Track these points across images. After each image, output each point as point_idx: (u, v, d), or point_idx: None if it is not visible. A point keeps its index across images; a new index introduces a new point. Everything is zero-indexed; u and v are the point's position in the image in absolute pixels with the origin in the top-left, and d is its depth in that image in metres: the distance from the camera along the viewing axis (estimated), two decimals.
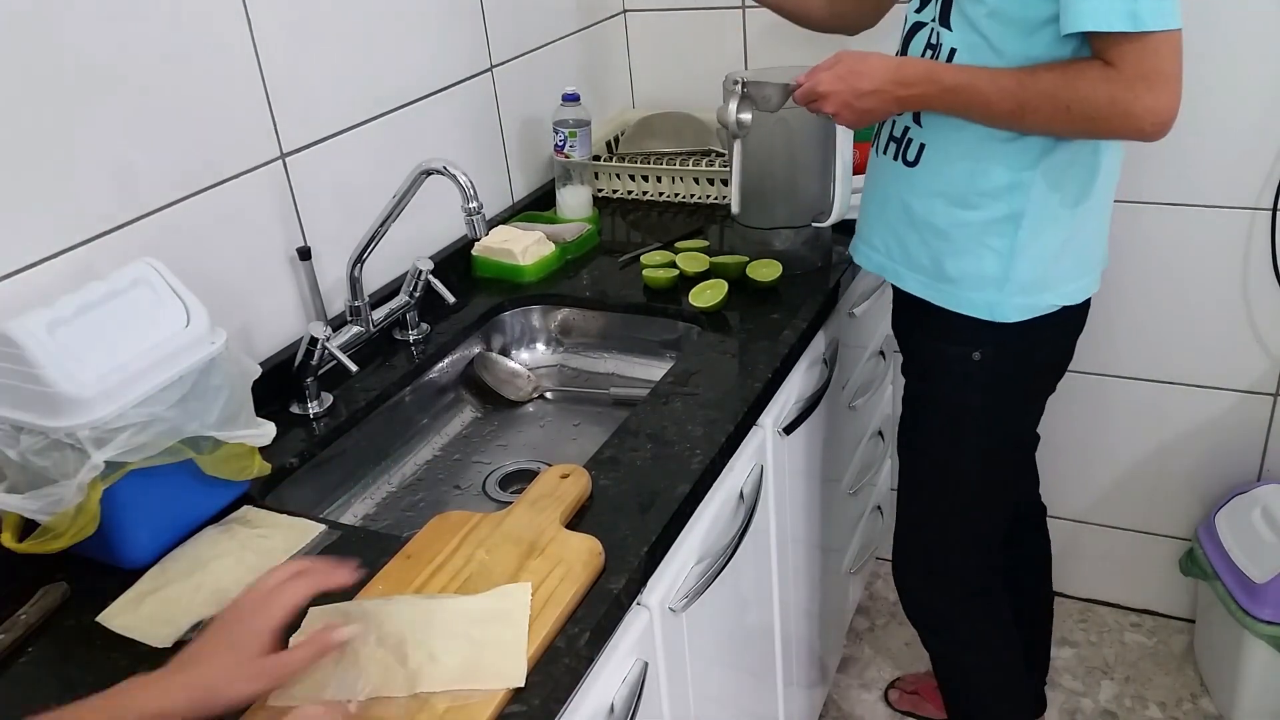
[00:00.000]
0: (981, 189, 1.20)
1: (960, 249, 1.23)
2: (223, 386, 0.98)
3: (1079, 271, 1.26)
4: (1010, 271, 1.22)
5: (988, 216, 1.20)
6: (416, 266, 1.36)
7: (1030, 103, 1.11)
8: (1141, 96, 1.06)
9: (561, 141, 1.68)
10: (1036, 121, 1.13)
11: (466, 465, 1.34)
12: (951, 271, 1.25)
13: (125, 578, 0.95)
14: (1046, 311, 1.24)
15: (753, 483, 1.21)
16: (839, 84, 1.19)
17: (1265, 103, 1.59)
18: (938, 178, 1.23)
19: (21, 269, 0.98)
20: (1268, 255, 1.67)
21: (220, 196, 1.18)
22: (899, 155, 1.26)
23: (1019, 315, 1.24)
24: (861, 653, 2.02)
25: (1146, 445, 1.91)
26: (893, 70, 1.18)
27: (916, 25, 1.24)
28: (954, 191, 1.22)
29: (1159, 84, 1.07)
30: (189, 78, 1.12)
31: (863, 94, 1.18)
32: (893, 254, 1.31)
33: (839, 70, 1.20)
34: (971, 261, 1.23)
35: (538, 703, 0.79)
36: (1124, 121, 1.08)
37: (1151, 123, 1.08)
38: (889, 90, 1.17)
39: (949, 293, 1.26)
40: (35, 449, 0.88)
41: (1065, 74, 1.09)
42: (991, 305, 1.24)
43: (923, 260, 1.27)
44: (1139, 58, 1.06)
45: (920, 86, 1.16)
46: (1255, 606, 1.62)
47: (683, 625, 1.06)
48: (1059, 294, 1.24)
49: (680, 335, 1.45)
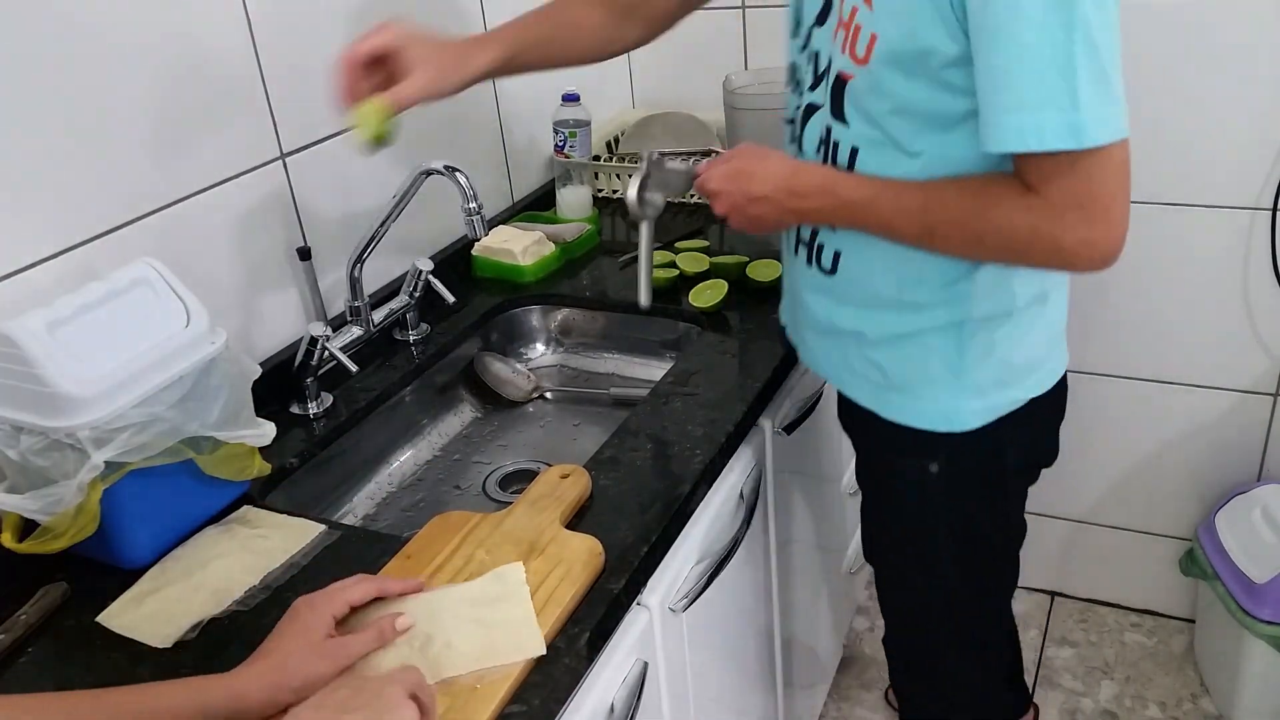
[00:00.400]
0: (914, 300, 1.01)
1: (901, 356, 1.05)
2: (223, 386, 0.98)
3: (1046, 354, 1.08)
4: (963, 375, 1.03)
5: (926, 324, 1.02)
6: (416, 266, 1.36)
7: (938, 229, 0.94)
8: (1073, 228, 0.86)
9: (561, 141, 1.68)
10: (949, 248, 0.96)
11: (466, 465, 1.34)
12: (897, 379, 1.06)
13: (125, 578, 0.95)
14: (1012, 409, 1.06)
15: (753, 483, 1.21)
16: (729, 184, 1.04)
17: (1265, 103, 1.59)
18: (861, 288, 1.04)
19: (21, 269, 0.98)
20: (1268, 255, 1.67)
21: (220, 196, 1.18)
22: (812, 261, 1.08)
23: (980, 421, 1.05)
24: (861, 653, 2.02)
25: (1146, 445, 1.91)
26: (787, 177, 1.01)
27: (811, 107, 1.04)
28: (882, 302, 1.03)
29: (1096, 212, 0.86)
30: (189, 77, 1.12)
31: (753, 199, 1.03)
32: (831, 359, 1.13)
33: (730, 169, 1.05)
34: (916, 368, 1.05)
35: (538, 703, 0.79)
36: (1052, 256, 0.90)
37: (1087, 257, 0.88)
38: (779, 200, 1.01)
39: (898, 404, 1.08)
40: (35, 449, 0.88)
41: (977, 199, 0.91)
42: (947, 414, 1.05)
43: (864, 369, 1.09)
44: (1070, 184, 0.85)
45: (815, 199, 0.99)
46: (1255, 606, 1.62)
47: (683, 625, 1.06)
48: (1025, 387, 1.06)
49: (680, 335, 1.45)
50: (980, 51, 0.84)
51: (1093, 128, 0.82)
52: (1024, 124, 0.83)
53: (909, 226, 0.95)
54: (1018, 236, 0.89)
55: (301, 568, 0.96)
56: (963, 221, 0.92)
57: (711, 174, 1.06)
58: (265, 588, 0.94)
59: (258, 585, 0.94)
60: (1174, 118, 1.64)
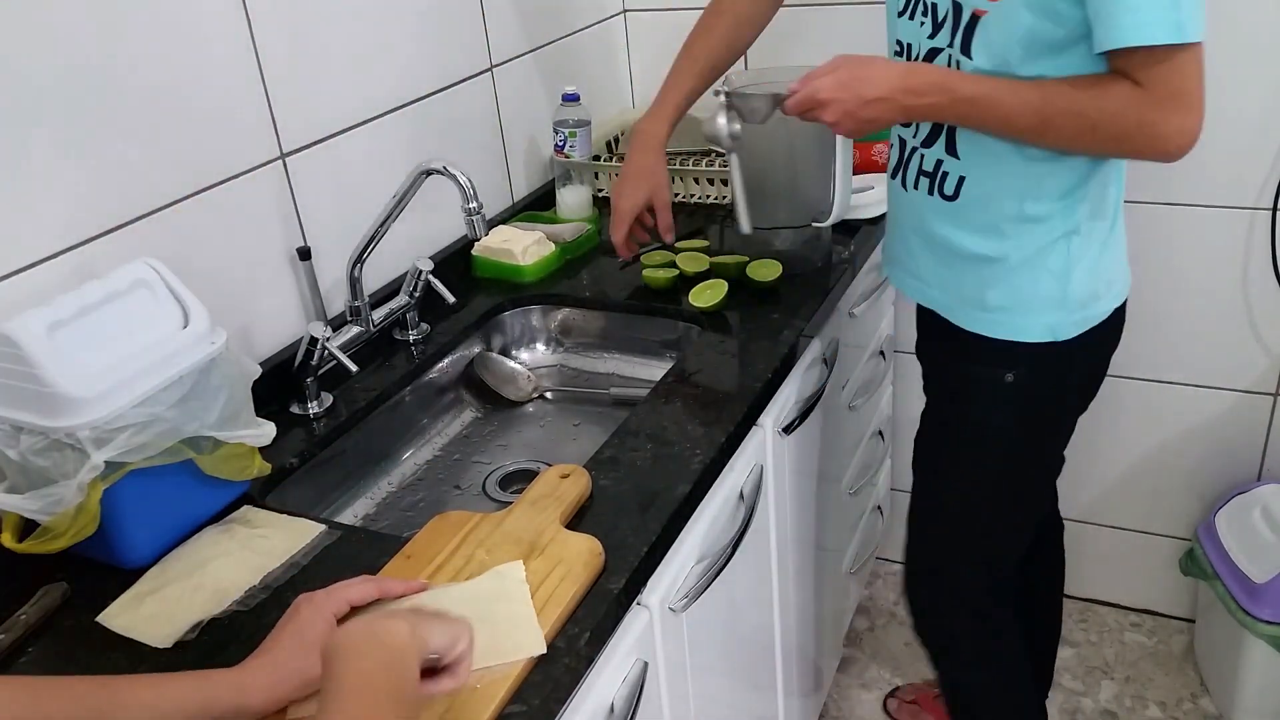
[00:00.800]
0: (1033, 215, 1.15)
1: (1015, 276, 1.19)
2: (222, 386, 0.98)
3: (1118, 269, 1.23)
4: (1068, 289, 1.18)
5: (1042, 240, 1.16)
6: (416, 266, 1.36)
7: (1054, 120, 1.06)
8: (1170, 117, 1.02)
9: (561, 141, 1.68)
10: (1057, 139, 1.09)
11: (466, 465, 1.34)
12: (1005, 300, 1.20)
13: (125, 578, 0.95)
14: (1101, 320, 1.21)
15: (753, 483, 1.21)
16: (842, 91, 1.12)
17: (1265, 103, 1.59)
18: (984, 210, 1.17)
19: (21, 269, 0.98)
20: (1268, 255, 1.68)
21: (220, 196, 1.18)
22: (934, 190, 1.21)
23: (1077, 330, 1.20)
24: (861, 653, 2.02)
25: (1147, 445, 1.91)
26: (900, 77, 1.11)
27: (933, 51, 1.16)
28: (1004, 221, 1.17)
29: (1187, 104, 1.02)
30: (189, 77, 1.12)
31: (867, 102, 1.11)
32: (947, 289, 1.26)
33: (840, 76, 1.13)
34: (1028, 287, 1.19)
35: (538, 703, 0.79)
36: (1151, 143, 1.05)
37: (1178, 144, 1.04)
38: (896, 99, 1.11)
39: (1002, 322, 1.21)
40: (35, 449, 0.88)
41: (1093, 91, 1.04)
42: (1053, 327, 1.19)
43: (973, 293, 1.22)
44: (1169, 76, 1.01)
45: (931, 96, 1.10)
46: (1255, 606, 1.62)
47: (683, 625, 1.06)
48: (1109, 298, 1.22)
49: (680, 335, 1.45)
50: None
51: (1190, 25, 0.98)
52: (1139, 21, 0.98)
53: (1026, 118, 1.07)
54: (1127, 123, 1.03)
55: (301, 568, 0.96)
56: (1078, 111, 1.05)
57: (819, 84, 1.14)
58: (265, 588, 0.94)
59: (258, 585, 0.94)
60: None
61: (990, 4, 1.08)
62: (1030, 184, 1.14)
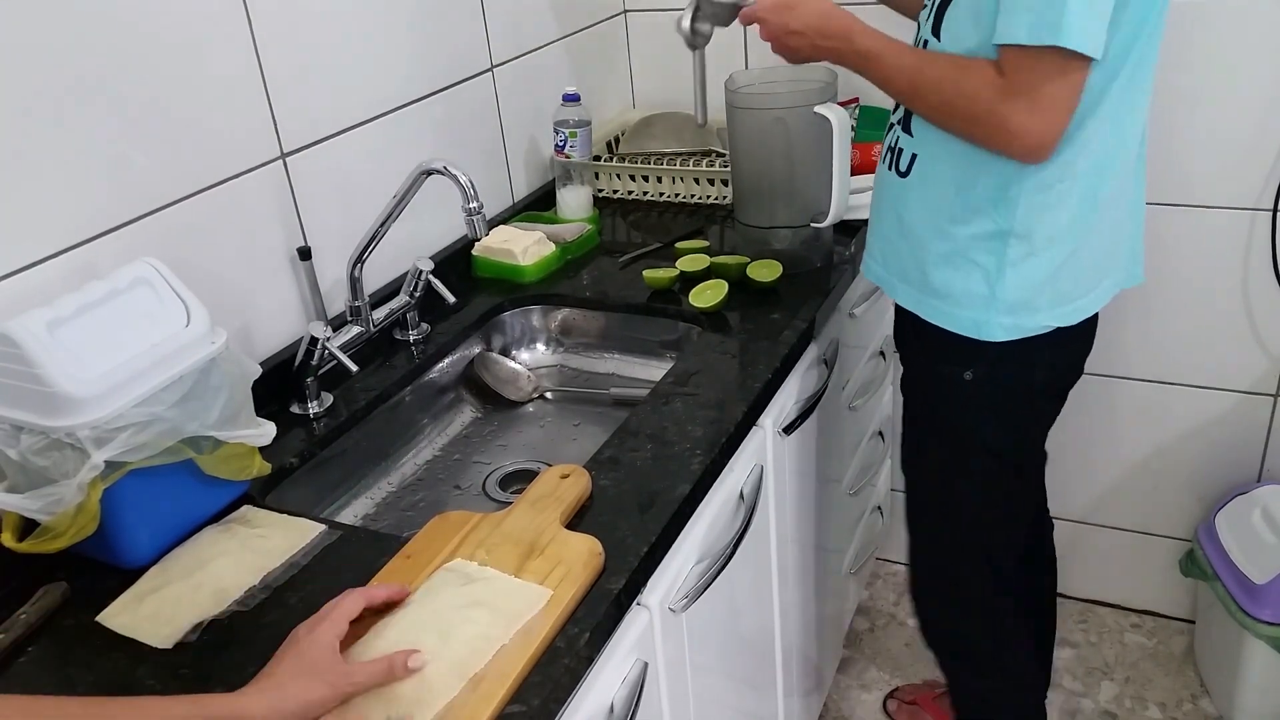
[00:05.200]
0: (969, 202, 1.16)
1: (947, 263, 1.20)
2: (223, 386, 0.98)
3: (1078, 291, 1.19)
4: (997, 290, 1.17)
5: (975, 231, 1.17)
6: (417, 266, 1.36)
7: (921, 88, 1.12)
8: (1018, 113, 1.04)
9: (562, 141, 1.68)
10: (924, 108, 1.14)
11: (466, 465, 1.34)
12: (939, 285, 1.21)
13: (125, 577, 0.95)
14: (1039, 332, 1.19)
15: (753, 483, 1.21)
16: (774, 15, 1.20)
17: (1265, 103, 1.59)
18: (928, 189, 1.20)
19: (21, 269, 0.98)
20: (1268, 256, 1.67)
21: (220, 196, 1.18)
22: (892, 165, 1.24)
23: (1006, 335, 1.19)
24: (861, 654, 2.02)
25: (1147, 446, 1.91)
26: (819, 17, 1.18)
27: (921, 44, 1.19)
28: (943, 204, 1.18)
29: (1039, 106, 1.04)
30: (189, 77, 1.12)
31: (790, 32, 1.19)
32: (889, 264, 1.29)
33: (778, 1, 1.20)
34: (958, 277, 1.19)
35: (538, 703, 0.79)
36: (997, 134, 1.07)
37: (1023, 143, 1.06)
38: (810, 37, 1.18)
39: (936, 307, 1.23)
40: (35, 449, 0.88)
41: (957, 68, 1.09)
42: (978, 324, 1.19)
43: (912, 272, 1.24)
44: (1028, 76, 1.03)
45: (836, 40, 1.17)
46: (1255, 607, 1.62)
47: (682, 625, 1.06)
48: (1052, 315, 1.19)
49: (680, 335, 1.45)
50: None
51: (1070, 31, 0.98)
52: (1021, 20, 1.00)
53: (899, 80, 1.14)
54: (978, 108, 1.07)
55: (301, 568, 0.96)
56: (940, 85, 1.10)
57: (762, 3, 1.21)
58: (265, 588, 0.94)
59: (258, 585, 0.94)
60: (1174, 118, 1.64)
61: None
62: (968, 173, 1.15)
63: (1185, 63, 1.60)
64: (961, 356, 1.23)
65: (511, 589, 0.87)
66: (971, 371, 1.23)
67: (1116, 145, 1.14)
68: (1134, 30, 1.06)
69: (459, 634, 0.81)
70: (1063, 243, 1.16)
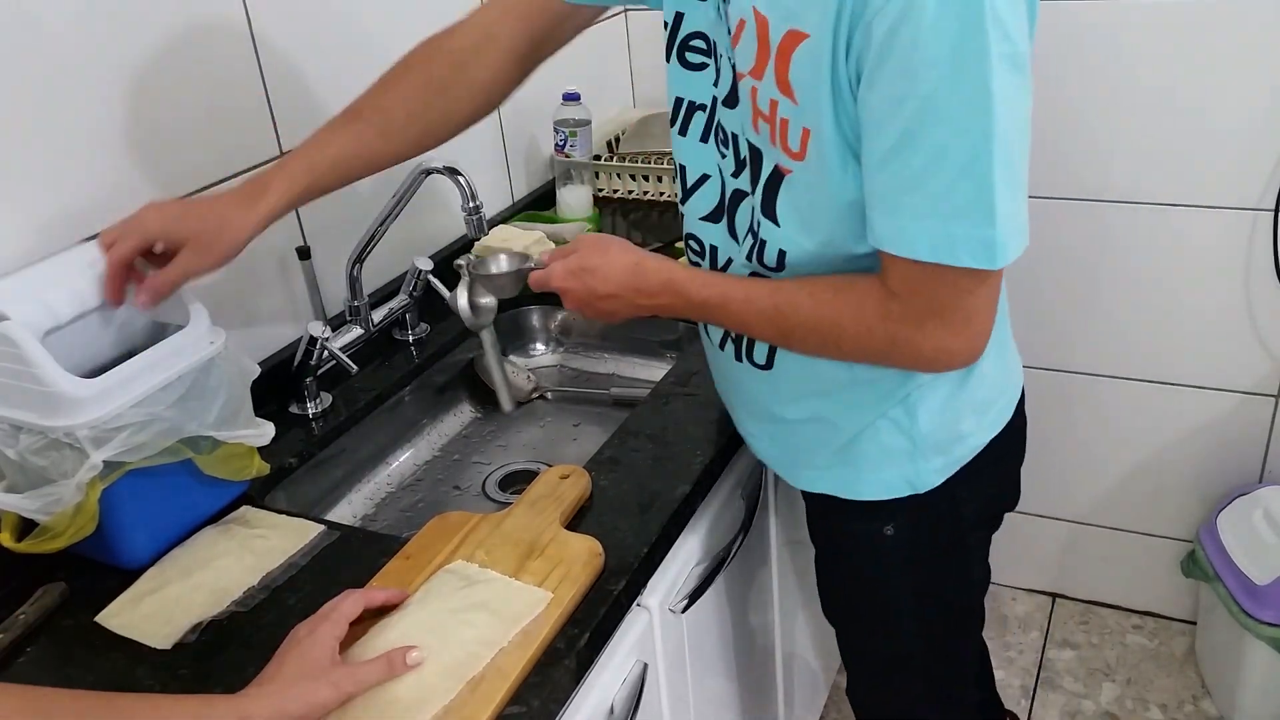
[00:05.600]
0: (858, 376, 0.96)
1: (854, 434, 1.00)
2: (222, 386, 0.97)
3: (996, 387, 1.03)
4: (920, 439, 0.99)
5: (873, 396, 0.98)
6: (416, 266, 1.36)
7: (794, 333, 0.91)
8: (932, 335, 0.84)
9: (562, 141, 1.68)
10: (806, 351, 0.94)
11: (466, 465, 1.33)
12: (849, 459, 1.02)
13: (124, 577, 0.95)
14: (973, 455, 1.02)
15: (753, 483, 1.21)
16: (573, 281, 0.96)
17: (1266, 104, 1.58)
18: (803, 378, 0.99)
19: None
20: (1269, 256, 1.67)
21: None
22: (743, 357, 1.02)
23: (943, 476, 1.01)
24: None
25: (1148, 446, 1.91)
26: (630, 273, 0.95)
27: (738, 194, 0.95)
28: (826, 385, 0.98)
29: (957, 321, 0.83)
30: (189, 77, 1.12)
31: (600, 296, 0.96)
32: (783, 449, 1.09)
33: (570, 264, 0.97)
34: (875, 444, 1.00)
35: (538, 703, 0.78)
36: (912, 360, 0.89)
37: (946, 363, 0.89)
38: (628, 297, 0.96)
39: (852, 481, 1.03)
40: (34, 448, 0.88)
41: (834, 306, 0.88)
42: (909, 478, 1.01)
43: (810, 457, 1.05)
44: (940, 295, 0.82)
45: (663, 297, 0.95)
46: (1257, 608, 1.62)
47: (683, 626, 1.05)
48: (982, 428, 1.02)
49: (680, 335, 1.45)
50: (892, 150, 0.77)
51: (1009, 245, 0.78)
52: (934, 232, 0.78)
53: (764, 328, 0.93)
54: (874, 342, 0.87)
55: (301, 568, 0.96)
56: (818, 328, 0.89)
57: (554, 270, 0.98)
58: (264, 588, 0.94)
59: (256, 585, 0.94)
60: (1175, 119, 1.63)
61: (794, 162, 0.85)
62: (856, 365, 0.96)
63: (1185, 63, 1.60)
64: (877, 512, 1.04)
65: (511, 591, 0.87)
66: (892, 526, 1.05)
67: None
68: None
69: (457, 636, 0.81)
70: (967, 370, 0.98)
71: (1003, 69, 0.73)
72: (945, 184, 0.76)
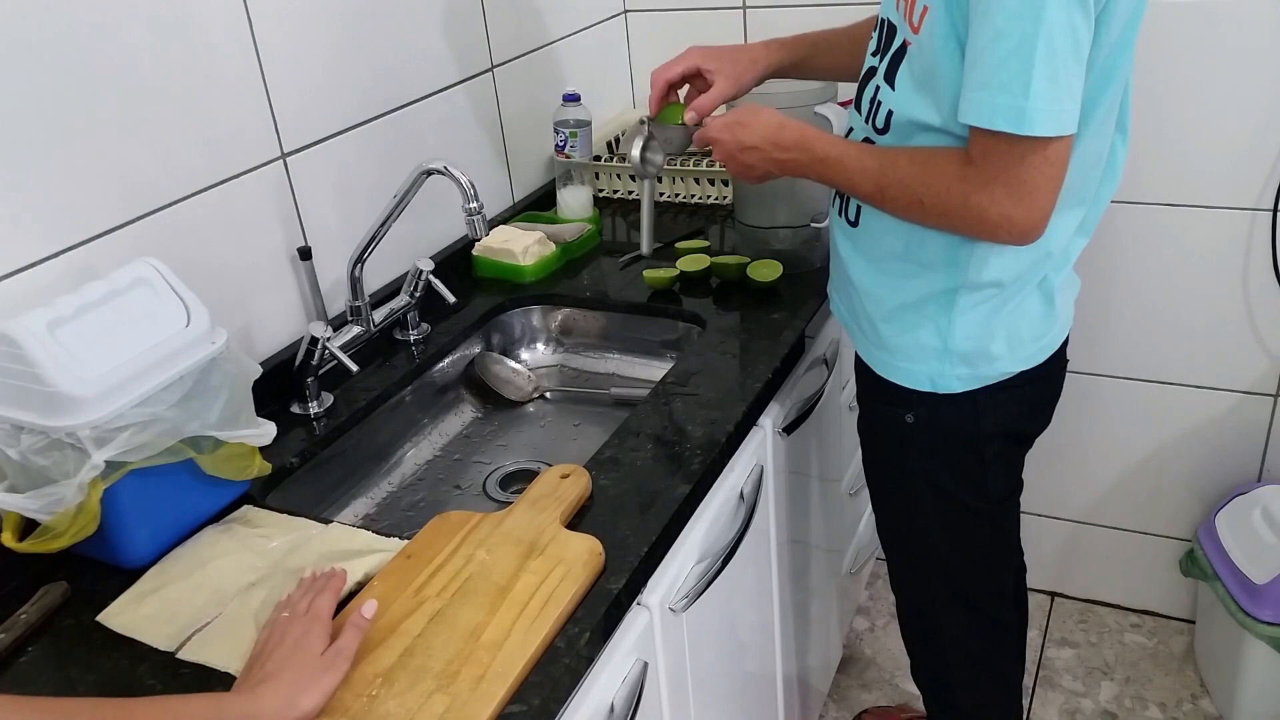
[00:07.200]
0: (918, 258, 1.10)
1: (896, 317, 1.14)
2: (223, 386, 0.98)
3: (1036, 332, 1.13)
4: (949, 343, 1.11)
5: (924, 287, 1.11)
6: (417, 266, 1.36)
7: (888, 189, 1.04)
8: (998, 202, 0.96)
9: (562, 141, 1.68)
10: (895, 208, 1.06)
11: (466, 465, 1.34)
12: (888, 339, 1.16)
13: (126, 577, 0.95)
14: (1000, 379, 1.13)
15: (753, 483, 1.21)
16: (725, 134, 1.16)
17: (1265, 103, 1.59)
18: (876, 243, 1.14)
19: (21, 269, 0.98)
20: (1268, 256, 1.67)
21: (220, 196, 1.18)
22: (842, 212, 1.19)
23: (964, 386, 1.13)
24: (861, 653, 2.02)
25: (1147, 446, 1.91)
26: (773, 130, 1.12)
27: (870, 71, 1.12)
28: (890, 259, 1.12)
29: (1022, 193, 0.95)
30: (189, 77, 1.12)
31: (745, 148, 1.14)
32: (849, 312, 1.24)
33: (728, 119, 1.16)
34: (908, 331, 1.14)
35: (538, 703, 0.79)
36: (978, 225, 0.99)
37: (1008, 231, 0.98)
38: (767, 150, 1.13)
39: (888, 362, 1.17)
40: (36, 448, 0.88)
41: (924, 165, 1.01)
42: (933, 377, 1.14)
43: (863, 323, 1.19)
44: (1003, 161, 0.94)
45: (794, 152, 1.11)
46: (1255, 607, 1.62)
47: (683, 625, 1.06)
48: (1012, 360, 1.13)
49: (680, 335, 1.45)
50: (971, 29, 0.93)
51: (1037, 117, 0.91)
52: (982, 101, 0.93)
53: (866, 184, 1.06)
54: (951, 202, 0.99)
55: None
56: (908, 184, 1.02)
57: (712, 124, 1.18)
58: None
59: (257, 585, 0.94)
60: (1175, 118, 1.64)
61: (913, 35, 1.01)
62: (917, 231, 1.08)
63: (1186, 63, 1.60)
64: (902, 398, 1.17)
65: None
66: (913, 414, 1.17)
67: (1076, 187, 1.05)
68: (1103, 81, 0.99)
69: None
70: (1015, 289, 1.09)
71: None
72: (997, 60, 0.91)
